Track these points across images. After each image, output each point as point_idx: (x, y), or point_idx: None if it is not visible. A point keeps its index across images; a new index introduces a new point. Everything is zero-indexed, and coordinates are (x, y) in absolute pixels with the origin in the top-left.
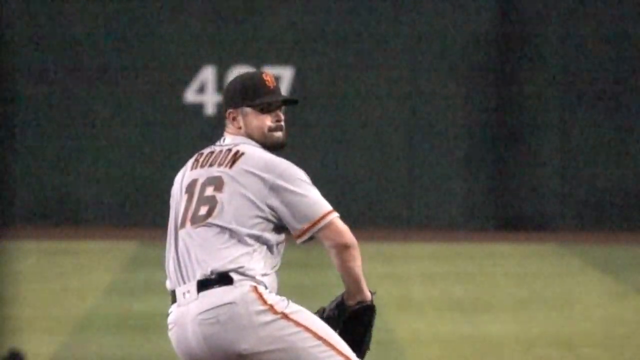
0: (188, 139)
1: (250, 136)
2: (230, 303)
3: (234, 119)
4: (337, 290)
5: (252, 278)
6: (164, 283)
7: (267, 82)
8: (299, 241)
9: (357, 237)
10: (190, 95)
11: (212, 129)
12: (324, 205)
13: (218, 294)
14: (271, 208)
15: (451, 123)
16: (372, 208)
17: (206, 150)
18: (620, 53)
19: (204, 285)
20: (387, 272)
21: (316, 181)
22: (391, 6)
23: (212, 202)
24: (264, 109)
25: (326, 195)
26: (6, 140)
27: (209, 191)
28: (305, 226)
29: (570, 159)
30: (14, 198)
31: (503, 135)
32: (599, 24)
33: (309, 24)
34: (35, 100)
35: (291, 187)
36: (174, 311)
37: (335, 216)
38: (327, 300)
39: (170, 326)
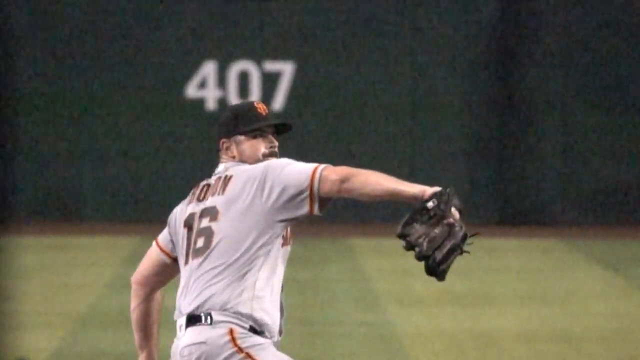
0: (189, 134)
1: (244, 164)
2: (202, 342)
3: (227, 148)
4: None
5: (237, 315)
6: None
7: (258, 109)
8: (315, 212)
9: (359, 232)
10: (192, 91)
11: (213, 124)
12: (311, 165)
13: (196, 332)
14: (273, 205)
15: (453, 118)
16: (373, 203)
17: (202, 183)
18: (623, 48)
19: (190, 320)
20: (388, 267)
21: None
22: (393, 1)
23: (208, 233)
24: (257, 136)
25: None
26: (7, 136)
27: (205, 222)
28: (306, 192)
29: (572, 154)
30: (15, 194)
31: (505, 130)
32: (602, 18)
33: (310, 19)
34: (37, 96)
35: (279, 169)
36: (174, 342)
37: (323, 167)
38: (328, 295)
39: (171, 357)
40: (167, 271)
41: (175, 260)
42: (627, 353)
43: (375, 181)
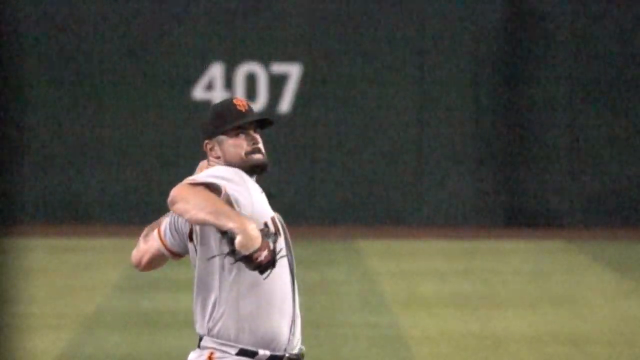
0: (197, 135)
1: (229, 163)
2: None
3: (211, 149)
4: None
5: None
6: (171, 280)
7: (238, 106)
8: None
9: (365, 234)
10: (199, 92)
11: None
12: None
13: (191, 354)
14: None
15: (460, 120)
16: (381, 205)
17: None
18: (630, 50)
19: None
20: (395, 269)
21: (324, 179)
22: (400, 2)
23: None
24: (239, 134)
25: (335, 192)
26: (15, 138)
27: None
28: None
29: (579, 156)
30: (22, 195)
31: (512, 132)
32: (608, 20)
33: (317, 21)
34: (44, 99)
35: None
36: None
37: (177, 187)
38: (334, 297)
39: None
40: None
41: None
42: (635, 355)
43: (195, 208)
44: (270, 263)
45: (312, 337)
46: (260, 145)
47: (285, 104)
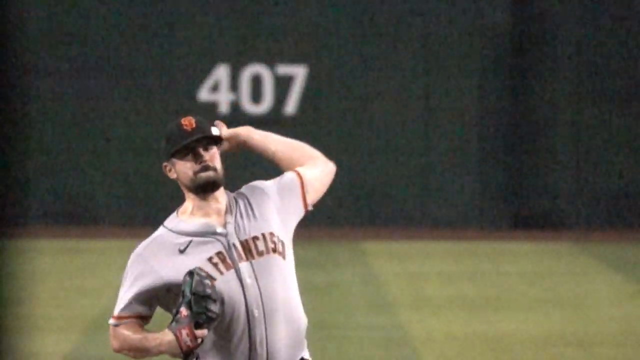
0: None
1: (183, 184)
2: None
3: (169, 171)
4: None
5: None
6: None
7: (183, 127)
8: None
9: (372, 236)
10: (204, 94)
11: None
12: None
13: None
14: None
15: (465, 121)
16: (387, 206)
17: None
18: (636, 50)
19: None
20: (402, 271)
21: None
22: (405, 4)
23: None
24: (186, 154)
25: (340, 194)
26: (20, 139)
27: None
28: None
29: (584, 157)
30: (28, 197)
31: (517, 134)
32: (613, 21)
33: (323, 23)
34: (50, 100)
35: None
36: None
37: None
38: (340, 298)
39: None
40: None
41: None
42: None
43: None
44: (196, 346)
45: (317, 339)
46: (212, 162)
47: (290, 106)
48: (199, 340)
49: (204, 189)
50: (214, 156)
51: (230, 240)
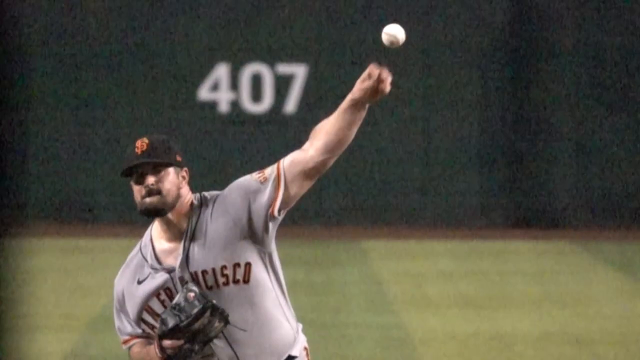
0: (202, 136)
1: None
2: None
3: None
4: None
5: None
6: None
7: (135, 148)
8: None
9: (372, 235)
10: (204, 93)
11: (226, 127)
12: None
13: None
14: None
15: (466, 120)
16: (387, 206)
17: None
18: (636, 50)
19: None
20: (402, 270)
21: (331, 179)
22: (406, 3)
23: None
24: (137, 177)
25: (341, 193)
26: (20, 137)
27: None
28: None
29: (585, 157)
30: (29, 196)
31: (518, 133)
32: (614, 20)
33: (323, 21)
34: (50, 98)
35: None
36: None
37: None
38: (340, 297)
39: None
40: None
41: None
42: None
43: None
44: (165, 356)
45: (318, 338)
46: (157, 186)
47: (290, 105)
48: (169, 350)
49: (148, 215)
50: (163, 179)
51: (179, 275)
